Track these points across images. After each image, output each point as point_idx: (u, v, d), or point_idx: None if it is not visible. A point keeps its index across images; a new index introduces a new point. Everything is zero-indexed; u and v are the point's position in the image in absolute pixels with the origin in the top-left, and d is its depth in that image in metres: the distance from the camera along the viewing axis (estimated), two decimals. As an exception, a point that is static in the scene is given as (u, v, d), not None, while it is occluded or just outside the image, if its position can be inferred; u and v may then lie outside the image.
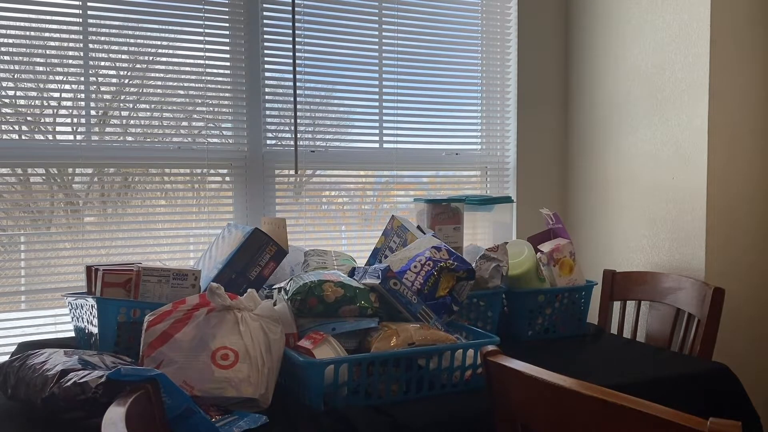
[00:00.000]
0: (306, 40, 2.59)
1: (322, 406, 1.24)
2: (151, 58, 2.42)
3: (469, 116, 2.94)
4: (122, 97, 2.48)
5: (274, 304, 1.40)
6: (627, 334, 2.48)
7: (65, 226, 2.45)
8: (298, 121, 2.57)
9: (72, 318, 1.69)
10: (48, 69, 2.27)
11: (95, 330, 1.47)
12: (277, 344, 1.31)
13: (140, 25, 2.37)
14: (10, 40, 2.21)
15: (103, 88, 2.42)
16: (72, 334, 1.73)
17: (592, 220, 2.86)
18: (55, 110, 2.37)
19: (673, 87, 2.40)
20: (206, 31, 2.44)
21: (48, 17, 2.25)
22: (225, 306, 1.32)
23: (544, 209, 2.19)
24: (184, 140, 2.47)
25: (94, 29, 2.31)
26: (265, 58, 2.53)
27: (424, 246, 1.74)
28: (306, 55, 2.59)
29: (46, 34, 2.27)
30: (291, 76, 2.55)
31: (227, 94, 2.50)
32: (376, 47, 2.73)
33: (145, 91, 2.45)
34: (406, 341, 1.34)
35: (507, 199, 2.40)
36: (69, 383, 1.10)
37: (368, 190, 2.86)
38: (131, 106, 2.50)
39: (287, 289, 1.45)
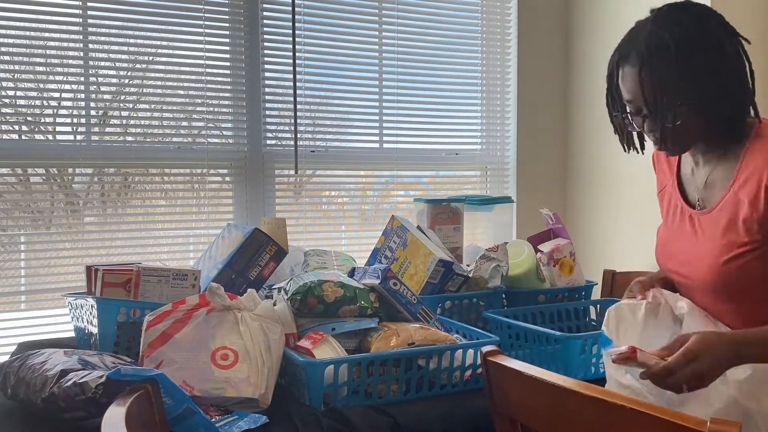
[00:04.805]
0: (306, 40, 2.59)
1: (322, 406, 1.24)
2: (151, 58, 2.42)
3: (469, 116, 2.94)
4: (122, 97, 2.49)
5: (274, 304, 1.40)
6: (627, 334, 2.48)
7: (65, 226, 2.45)
8: (298, 121, 2.57)
9: (72, 318, 1.69)
10: (48, 69, 2.26)
11: (95, 330, 1.47)
12: (277, 344, 1.31)
13: (140, 25, 2.37)
14: (10, 40, 2.21)
15: (103, 88, 2.42)
16: (72, 334, 1.72)
17: (592, 220, 2.86)
18: (55, 110, 2.37)
19: (673, 87, 2.39)
20: (206, 31, 2.44)
21: (48, 17, 2.25)
22: (225, 306, 1.32)
23: (544, 209, 2.19)
24: (184, 140, 2.47)
25: (94, 29, 2.31)
26: (265, 58, 2.53)
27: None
28: (306, 55, 2.59)
29: (46, 34, 2.27)
30: (291, 76, 2.55)
31: (227, 94, 2.50)
32: (376, 47, 2.73)
33: (145, 91, 2.45)
34: (406, 341, 1.34)
35: (507, 199, 2.40)
36: (69, 383, 1.10)
37: (368, 190, 2.86)
38: (131, 106, 2.50)
39: (287, 289, 1.45)
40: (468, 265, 1.91)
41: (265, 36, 2.52)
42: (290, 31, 2.53)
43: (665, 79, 1.18)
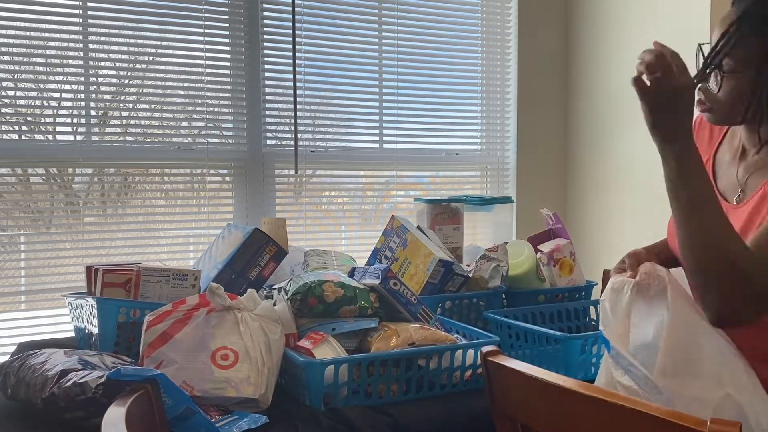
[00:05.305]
0: (306, 40, 2.59)
1: (322, 406, 1.24)
2: (151, 58, 2.42)
3: (469, 116, 2.94)
4: (122, 97, 2.49)
5: (274, 304, 1.40)
6: (627, 334, 2.48)
7: (65, 226, 2.45)
8: (298, 121, 2.57)
9: (72, 318, 1.69)
10: (48, 69, 2.26)
11: (95, 330, 1.47)
12: (277, 344, 1.31)
13: (140, 25, 2.37)
14: (10, 40, 2.21)
15: (103, 88, 2.42)
16: (72, 334, 1.72)
17: (592, 220, 2.86)
18: (55, 110, 2.37)
19: (673, 87, 2.40)
20: (206, 31, 2.44)
21: (48, 17, 2.25)
22: (225, 306, 1.32)
23: (544, 209, 2.19)
24: (184, 140, 2.47)
25: (94, 29, 2.31)
26: (265, 58, 2.53)
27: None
28: (306, 55, 2.59)
29: (46, 34, 2.27)
30: (291, 76, 2.55)
31: (227, 94, 2.50)
32: (376, 47, 2.73)
33: (145, 91, 2.45)
34: (406, 341, 1.34)
35: (507, 199, 2.40)
36: (69, 383, 1.10)
37: (368, 190, 2.86)
38: (131, 106, 2.50)
39: (287, 289, 1.45)
40: (468, 265, 1.91)
41: (265, 36, 2.52)
42: (290, 31, 2.53)
43: (741, 43, 1.12)
